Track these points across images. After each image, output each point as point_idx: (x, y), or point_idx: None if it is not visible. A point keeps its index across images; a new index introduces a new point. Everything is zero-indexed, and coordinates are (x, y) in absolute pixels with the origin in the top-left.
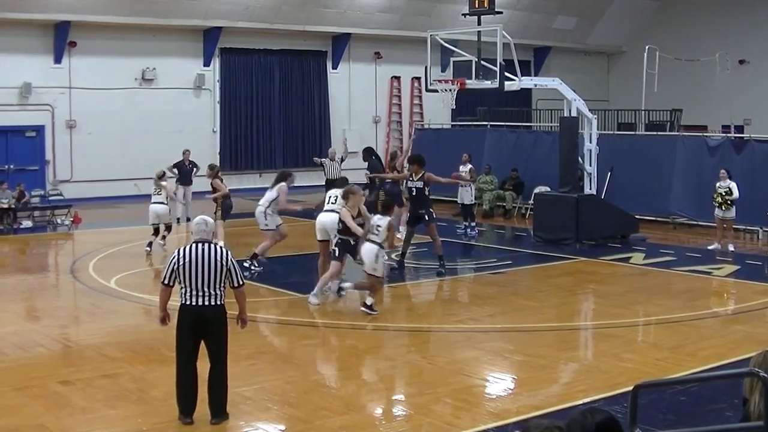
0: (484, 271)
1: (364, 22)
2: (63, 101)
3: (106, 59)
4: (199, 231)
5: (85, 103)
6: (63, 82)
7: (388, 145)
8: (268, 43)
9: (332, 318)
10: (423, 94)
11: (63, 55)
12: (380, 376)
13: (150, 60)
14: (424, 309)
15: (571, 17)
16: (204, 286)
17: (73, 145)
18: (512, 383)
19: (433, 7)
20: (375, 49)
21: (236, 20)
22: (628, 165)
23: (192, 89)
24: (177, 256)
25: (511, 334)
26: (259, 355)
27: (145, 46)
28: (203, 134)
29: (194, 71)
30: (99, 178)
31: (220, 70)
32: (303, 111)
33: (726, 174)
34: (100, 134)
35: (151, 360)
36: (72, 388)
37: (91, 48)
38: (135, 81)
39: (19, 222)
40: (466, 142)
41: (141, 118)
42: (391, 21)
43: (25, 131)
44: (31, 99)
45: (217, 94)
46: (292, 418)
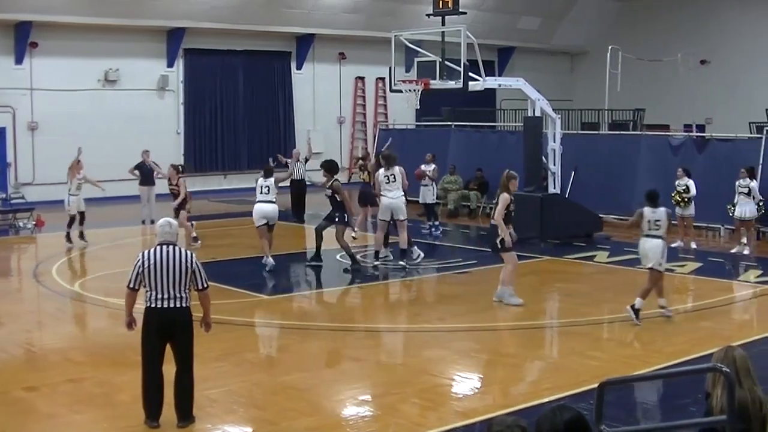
0: (449, 271)
1: (328, 22)
2: (24, 103)
3: (69, 60)
4: (164, 233)
5: (47, 104)
6: (24, 83)
7: (352, 145)
8: (232, 44)
9: (299, 319)
10: (387, 95)
11: (24, 56)
12: (347, 377)
13: (113, 61)
14: (390, 309)
15: (536, 18)
16: (170, 289)
17: (36, 147)
18: (479, 382)
19: (397, 8)
20: (339, 49)
21: (200, 21)
22: (591, 164)
23: (156, 90)
24: (141, 259)
25: (477, 333)
26: (226, 357)
27: (109, 47)
28: (167, 135)
29: (158, 72)
30: (62, 181)
31: (184, 70)
32: (267, 112)
33: (683, 172)
34: (63, 136)
35: (117, 363)
36: (37, 394)
37: (53, 49)
38: (98, 82)
39: None
40: (430, 142)
41: (104, 120)
42: (355, 21)
43: None
44: None
45: (181, 95)
46: (259, 420)
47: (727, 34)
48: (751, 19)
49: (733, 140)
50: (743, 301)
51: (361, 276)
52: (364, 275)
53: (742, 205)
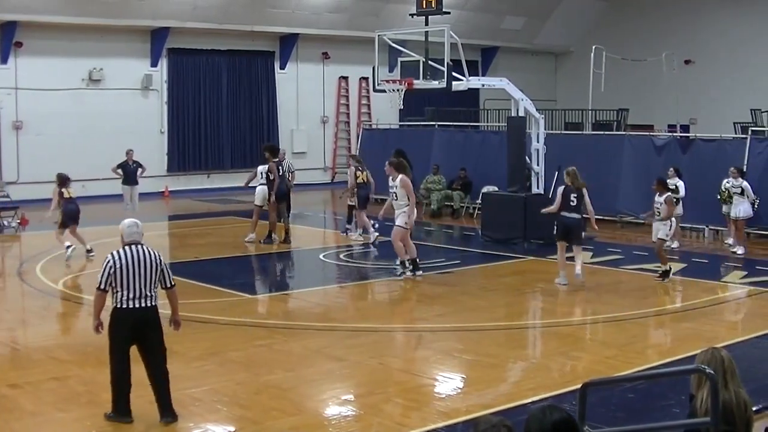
0: (432, 271)
1: (312, 22)
2: (9, 102)
3: (53, 59)
4: (131, 233)
5: (31, 103)
6: (9, 82)
7: (335, 145)
8: (216, 44)
9: (282, 319)
10: (371, 94)
11: (9, 56)
12: (330, 377)
13: (97, 60)
14: (373, 309)
15: (519, 17)
16: (141, 288)
17: (20, 146)
18: (462, 382)
19: (381, 8)
20: (323, 49)
21: (184, 20)
22: (575, 164)
23: (140, 90)
24: (112, 260)
25: (460, 333)
26: (209, 357)
27: (93, 47)
28: (151, 135)
29: (142, 72)
30: (46, 180)
31: (168, 70)
32: (251, 111)
33: (674, 172)
34: (48, 135)
35: (101, 362)
36: (20, 392)
37: (37, 48)
38: (82, 81)
39: None
40: (414, 142)
41: (89, 119)
42: (339, 21)
43: None
44: None
45: (165, 94)
46: (243, 419)
47: (711, 33)
48: (735, 18)
49: (717, 140)
50: (727, 302)
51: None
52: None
53: (736, 204)
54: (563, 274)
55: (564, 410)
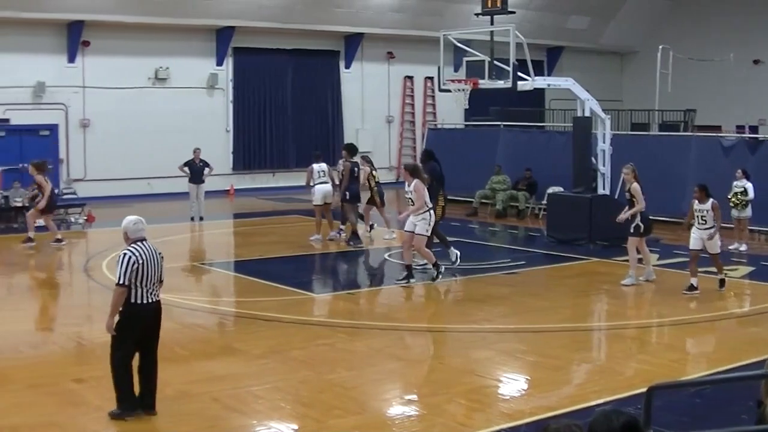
0: (497, 272)
1: (376, 21)
2: (76, 100)
3: (120, 58)
4: (138, 230)
5: (98, 102)
6: (77, 81)
7: (400, 145)
8: (281, 43)
9: (345, 318)
10: (436, 94)
11: (77, 55)
12: (393, 376)
13: (163, 59)
14: (437, 309)
15: (584, 17)
16: (154, 283)
17: (87, 144)
18: (525, 384)
19: (445, 7)
20: (388, 48)
21: (249, 20)
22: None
23: (205, 89)
24: (134, 257)
25: (524, 334)
26: (272, 355)
27: (159, 46)
28: (216, 134)
29: (207, 71)
30: (112, 177)
31: (233, 69)
32: (316, 111)
33: (742, 174)
34: (114, 133)
35: (163, 358)
36: (85, 386)
37: (104, 47)
38: (148, 80)
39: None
40: (479, 142)
41: (154, 118)
42: (403, 21)
43: (39, 130)
44: (45, 98)
45: (230, 93)
46: (305, 418)
47: None
48: None
49: None
50: None
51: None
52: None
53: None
54: (635, 274)
55: (629, 414)
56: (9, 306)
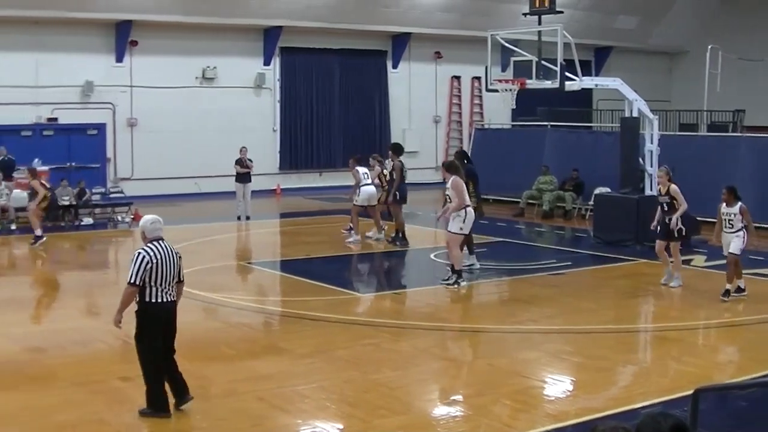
0: (543, 272)
1: (424, 21)
2: (124, 100)
3: (167, 58)
4: (155, 230)
5: (146, 101)
6: (124, 80)
7: (447, 145)
8: (328, 43)
9: (391, 317)
10: (483, 94)
11: (124, 54)
12: (438, 377)
13: (211, 59)
14: (483, 310)
15: (633, 17)
16: (170, 282)
17: (134, 143)
18: (571, 385)
19: (493, 7)
20: (435, 48)
21: (297, 19)
22: (689, 166)
23: (252, 88)
24: (148, 256)
25: (570, 335)
26: (317, 354)
27: (206, 45)
28: (263, 133)
29: (255, 70)
30: (159, 176)
31: (281, 69)
32: (363, 110)
33: None
34: (161, 132)
35: (210, 357)
36: (132, 384)
37: (152, 47)
38: (196, 80)
39: (80, 219)
40: (526, 142)
41: (201, 117)
42: (451, 20)
43: (87, 129)
44: (93, 97)
45: (278, 93)
46: (351, 417)
47: None
48: None
49: None
50: None
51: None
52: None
53: None
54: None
55: (677, 416)
56: (56, 304)
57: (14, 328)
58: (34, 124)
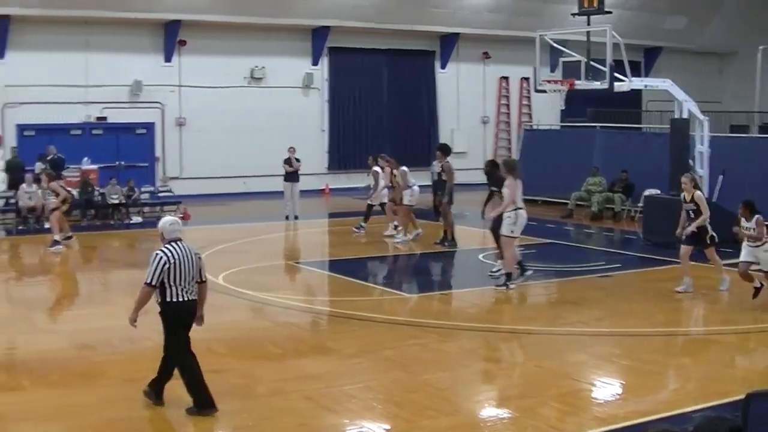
0: (592, 274)
1: (472, 21)
2: (173, 99)
3: (216, 58)
4: (173, 231)
5: (194, 101)
6: (173, 80)
7: (496, 145)
8: (376, 43)
9: (438, 318)
10: (532, 95)
11: (173, 54)
12: (486, 378)
13: (259, 59)
14: (531, 311)
15: (682, 17)
16: (189, 282)
17: (183, 143)
18: (620, 388)
19: (542, 7)
20: (483, 49)
21: (345, 19)
22: (740, 168)
23: (301, 88)
24: (165, 257)
25: (618, 338)
26: (364, 354)
27: (254, 45)
28: (312, 133)
29: (303, 70)
30: (208, 176)
31: (329, 69)
32: (411, 111)
33: None
34: (210, 132)
35: (258, 356)
36: (179, 382)
37: (200, 47)
38: (244, 79)
39: (129, 217)
40: (575, 143)
41: (250, 117)
42: (499, 21)
43: (136, 128)
44: (141, 97)
45: (326, 93)
46: (397, 418)
47: None
48: None
49: None
50: None
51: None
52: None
53: None
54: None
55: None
56: (105, 301)
57: (63, 325)
58: (84, 123)
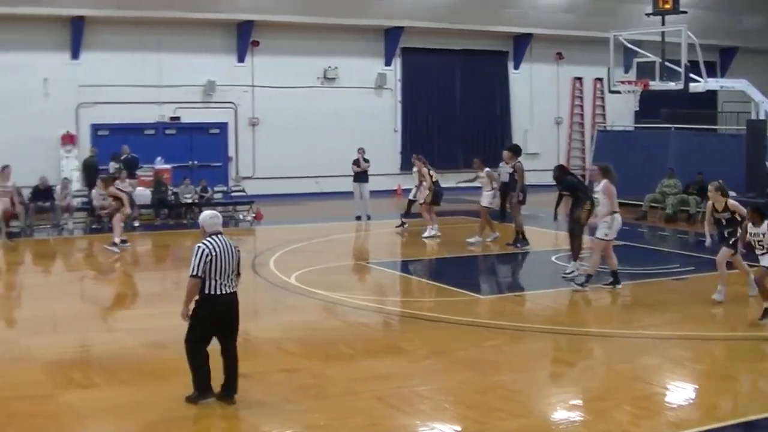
0: (666, 277)
1: (545, 22)
2: (246, 99)
3: (288, 58)
4: (214, 224)
5: (267, 101)
6: (246, 80)
7: (569, 146)
8: (449, 43)
9: (510, 320)
10: (605, 95)
11: (246, 54)
12: (558, 380)
13: (332, 59)
14: (604, 314)
15: (758, 16)
16: (229, 275)
17: (256, 143)
18: (693, 393)
19: (616, 7)
20: (557, 49)
21: (418, 20)
22: None
23: (373, 88)
24: (207, 249)
25: (692, 342)
26: (436, 355)
27: (327, 46)
28: (384, 133)
29: (375, 70)
30: (280, 175)
31: (402, 69)
32: (484, 111)
33: None
34: (282, 132)
35: (330, 356)
36: (250, 381)
37: (273, 47)
38: (317, 80)
39: None
40: (649, 144)
41: (322, 117)
42: (573, 21)
43: (209, 128)
44: (214, 97)
45: (399, 93)
46: (468, 419)
47: None
48: None
49: None
50: None
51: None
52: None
53: None
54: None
55: None
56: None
57: (135, 324)
58: (157, 123)
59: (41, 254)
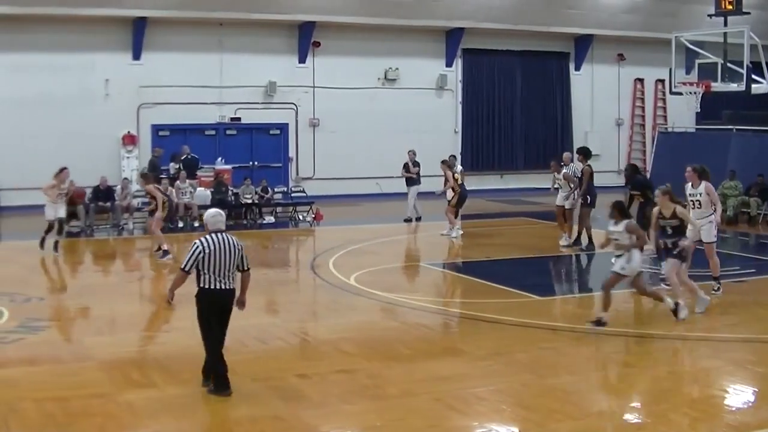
0: (726, 279)
1: (607, 23)
2: (306, 100)
3: (349, 59)
4: (216, 222)
5: (328, 102)
6: (307, 81)
7: (630, 148)
8: (510, 44)
9: (570, 322)
10: (667, 97)
11: (307, 55)
12: (617, 383)
13: (393, 60)
14: (664, 316)
15: None
16: (225, 271)
17: (316, 143)
18: (753, 396)
19: (678, 8)
20: (618, 50)
21: (479, 21)
22: None
23: (434, 89)
24: (201, 246)
25: (753, 344)
26: (495, 357)
27: (388, 47)
28: (445, 134)
29: (437, 71)
30: (341, 176)
31: (463, 70)
32: (545, 112)
33: None
34: (343, 133)
35: (388, 357)
36: (308, 382)
37: (334, 48)
38: (378, 81)
39: (262, 217)
40: (710, 146)
41: (383, 118)
42: (634, 22)
43: (270, 129)
44: (275, 98)
45: (459, 94)
46: (526, 421)
47: None
48: None
49: None
50: None
51: None
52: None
53: None
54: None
55: None
56: None
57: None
58: (218, 124)
59: (101, 254)
